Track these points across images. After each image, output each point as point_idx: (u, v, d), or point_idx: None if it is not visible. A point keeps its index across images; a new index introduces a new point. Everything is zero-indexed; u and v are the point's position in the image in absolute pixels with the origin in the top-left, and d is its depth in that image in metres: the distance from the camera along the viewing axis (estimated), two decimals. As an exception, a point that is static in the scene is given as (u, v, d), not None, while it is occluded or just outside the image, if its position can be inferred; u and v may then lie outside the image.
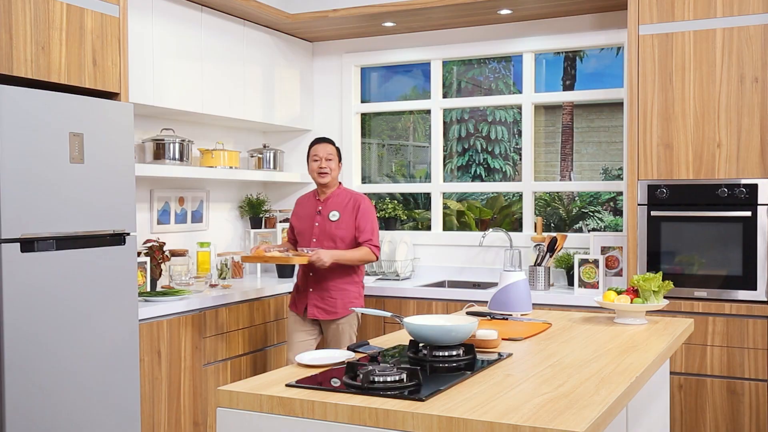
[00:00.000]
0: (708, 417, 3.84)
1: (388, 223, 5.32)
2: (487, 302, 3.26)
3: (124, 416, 3.33)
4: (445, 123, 5.39)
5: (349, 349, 2.43)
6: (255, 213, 5.18)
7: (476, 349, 2.37)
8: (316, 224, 3.94)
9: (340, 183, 4.04)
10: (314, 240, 3.93)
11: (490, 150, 7.60)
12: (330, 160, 3.94)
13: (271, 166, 5.13)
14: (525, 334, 2.71)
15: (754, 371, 3.75)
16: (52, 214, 3.03)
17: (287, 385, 1.99)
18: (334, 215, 3.92)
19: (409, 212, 6.23)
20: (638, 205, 3.99)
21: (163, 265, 4.22)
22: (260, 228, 5.18)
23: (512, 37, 4.88)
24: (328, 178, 3.95)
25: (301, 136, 5.42)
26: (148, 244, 4.20)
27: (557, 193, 6.85)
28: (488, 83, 6.49)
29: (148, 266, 4.10)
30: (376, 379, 1.93)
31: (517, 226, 5.37)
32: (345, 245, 3.90)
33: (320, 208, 3.96)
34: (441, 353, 2.23)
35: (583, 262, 4.29)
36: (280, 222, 5.23)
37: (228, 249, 5.07)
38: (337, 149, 4.02)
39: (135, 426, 3.38)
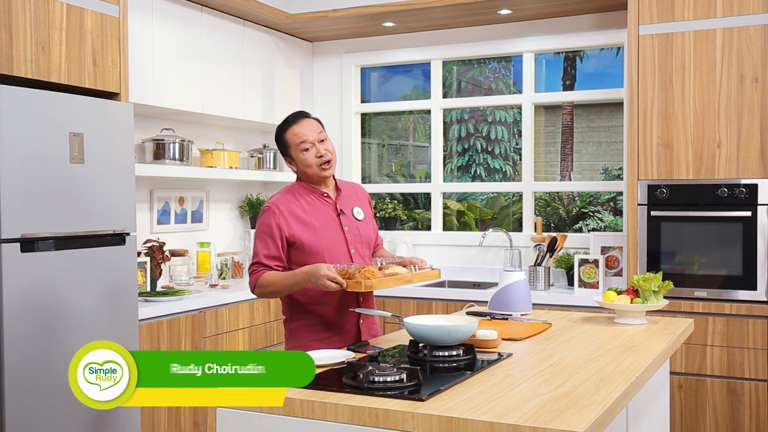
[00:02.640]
0: (708, 417, 3.84)
1: (388, 223, 5.33)
2: (487, 302, 3.25)
3: (124, 416, 3.32)
4: (445, 123, 5.39)
5: (349, 349, 2.43)
6: (255, 213, 5.18)
7: (476, 349, 2.37)
8: (346, 229, 2.79)
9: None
10: (353, 251, 2.79)
11: (490, 150, 7.60)
12: (323, 140, 2.76)
13: (271, 166, 5.13)
14: (525, 334, 2.71)
15: (754, 371, 3.74)
16: (52, 214, 3.03)
17: (287, 385, 1.99)
18: (359, 212, 2.86)
19: (409, 212, 6.23)
20: (638, 205, 3.99)
21: (163, 265, 4.22)
22: (260, 228, 5.18)
23: (512, 37, 4.88)
24: (335, 166, 2.81)
25: (301, 136, 5.41)
26: (148, 244, 4.20)
27: (557, 193, 6.84)
28: (488, 83, 6.49)
29: (148, 266, 4.10)
30: (376, 379, 1.93)
31: (517, 226, 5.37)
32: (371, 250, 2.94)
33: (339, 207, 2.81)
34: (441, 353, 2.23)
35: (583, 262, 4.29)
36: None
37: (228, 249, 5.07)
38: (320, 121, 2.84)
39: (135, 426, 3.38)
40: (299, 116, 2.79)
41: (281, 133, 2.78)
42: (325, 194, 2.80)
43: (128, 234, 3.39)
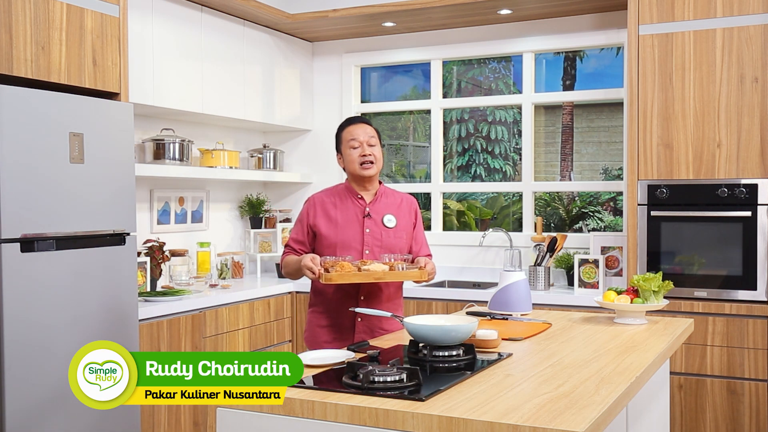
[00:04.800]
0: (708, 417, 3.84)
1: (388, 223, 5.32)
2: (487, 302, 3.25)
3: (124, 416, 3.32)
4: (445, 123, 5.39)
5: (349, 349, 2.43)
6: (255, 213, 5.18)
7: (476, 349, 2.37)
8: (367, 230, 2.99)
9: (380, 181, 3.14)
10: (367, 252, 2.97)
11: (490, 150, 7.60)
12: (373, 145, 3.01)
13: (271, 166, 5.13)
14: (525, 334, 2.71)
15: (754, 371, 3.74)
16: (52, 214, 3.03)
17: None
18: (390, 220, 3.03)
19: (409, 212, 6.20)
20: (638, 205, 3.99)
21: (163, 265, 4.22)
22: (260, 228, 5.18)
23: (512, 37, 4.88)
24: (374, 169, 3.00)
25: (301, 136, 5.42)
26: (148, 244, 4.20)
27: (557, 193, 6.85)
28: (488, 83, 6.49)
29: (148, 266, 4.11)
30: (376, 379, 1.93)
31: (517, 226, 5.37)
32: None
33: (368, 210, 3.02)
34: (441, 353, 2.23)
35: (583, 262, 4.29)
36: (280, 222, 5.22)
37: (228, 249, 5.07)
38: (378, 132, 3.10)
39: (135, 426, 3.38)
40: (358, 120, 3.08)
41: (339, 131, 3.07)
42: (360, 196, 3.03)
43: (128, 234, 3.39)
